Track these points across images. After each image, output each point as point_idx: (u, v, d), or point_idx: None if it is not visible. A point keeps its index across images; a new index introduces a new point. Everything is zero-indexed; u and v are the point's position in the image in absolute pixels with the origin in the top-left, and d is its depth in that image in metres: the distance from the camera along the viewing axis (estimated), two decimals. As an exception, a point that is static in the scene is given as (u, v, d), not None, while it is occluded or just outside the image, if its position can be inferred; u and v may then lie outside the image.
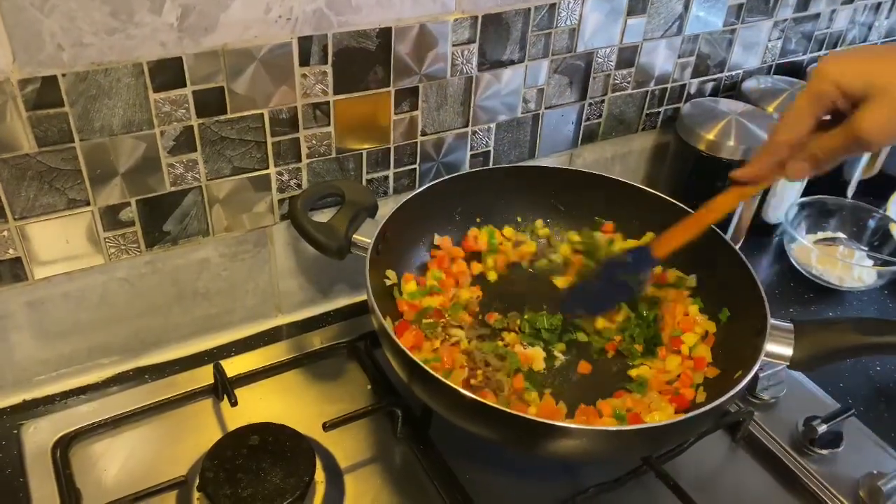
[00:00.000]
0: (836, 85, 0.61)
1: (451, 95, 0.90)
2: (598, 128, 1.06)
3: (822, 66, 0.62)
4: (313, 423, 0.75)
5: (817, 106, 0.63)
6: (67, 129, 0.69)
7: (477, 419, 0.68)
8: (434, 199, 0.88)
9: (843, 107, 0.61)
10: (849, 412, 0.83)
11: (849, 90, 0.60)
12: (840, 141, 0.62)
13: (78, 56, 0.66)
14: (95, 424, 0.78)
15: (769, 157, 0.68)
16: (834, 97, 0.61)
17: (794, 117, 0.64)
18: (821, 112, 0.63)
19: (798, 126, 0.64)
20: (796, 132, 0.65)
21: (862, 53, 0.64)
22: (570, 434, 0.65)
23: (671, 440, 0.75)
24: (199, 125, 0.76)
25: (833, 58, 0.62)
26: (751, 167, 0.70)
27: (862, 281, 1.06)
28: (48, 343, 0.81)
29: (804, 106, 0.63)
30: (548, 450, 0.68)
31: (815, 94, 0.62)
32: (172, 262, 0.83)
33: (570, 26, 0.93)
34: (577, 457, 0.74)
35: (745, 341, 0.75)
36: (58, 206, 0.73)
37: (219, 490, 0.69)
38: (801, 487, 0.78)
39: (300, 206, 0.81)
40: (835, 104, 0.62)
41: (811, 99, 0.63)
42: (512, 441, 0.70)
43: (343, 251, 0.81)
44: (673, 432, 0.71)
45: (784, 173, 0.67)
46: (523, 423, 0.65)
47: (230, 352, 0.90)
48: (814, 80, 0.63)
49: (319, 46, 0.77)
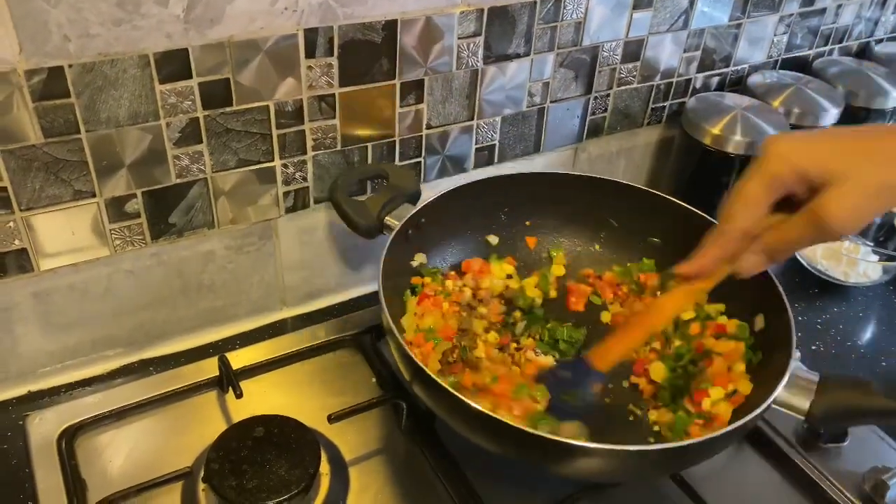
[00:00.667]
0: (794, 168, 0.55)
1: (457, 89, 0.90)
2: (603, 122, 1.06)
3: (774, 148, 0.57)
4: (318, 415, 0.76)
5: (772, 192, 0.57)
6: (74, 120, 0.69)
7: (479, 430, 0.66)
8: (480, 194, 0.87)
9: (799, 191, 0.56)
10: (854, 407, 0.83)
11: (811, 174, 0.55)
12: (801, 232, 0.56)
13: (84, 47, 0.66)
14: (101, 416, 0.78)
15: (718, 250, 0.62)
16: (789, 181, 0.56)
17: (745, 203, 0.58)
18: (775, 197, 0.57)
19: (751, 213, 0.58)
20: (749, 221, 0.59)
21: (816, 136, 0.59)
22: (586, 454, 0.62)
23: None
24: (205, 117, 0.76)
25: (785, 139, 0.57)
26: (698, 261, 0.63)
27: (867, 276, 1.06)
28: (53, 335, 0.81)
29: (757, 190, 0.58)
30: (562, 469, 0.67)
31: (769, 177, 0.57)
32: (178, 254, 0.83)
33: (576, 20, 0.93)
34: (588, 476, 0.71)
35: (766, 379, 0.69)
36: (64, 197, 0.73)
37: (224, 481, 0.69)
38: (805, 481, 0.78)
39: (339, 182, 0.84)
40: (789, 189, 0.57)
41: (765, 183, 0.57)
42: (518, 456, 0.67)
43: (372, 231, 0.82)
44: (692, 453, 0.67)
45: (736, 268, 0.61)
46: (535, 441, 0.61)
47: (235, 344, 0.90)
48: (766, 162, 0.57)
49: (325, 38, 0.77)
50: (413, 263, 0.85)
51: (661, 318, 0.69)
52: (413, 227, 0.83)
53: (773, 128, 1.01)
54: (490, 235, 0.91)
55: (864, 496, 0.76)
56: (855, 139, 0.57)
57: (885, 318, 1.04)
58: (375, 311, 0.93)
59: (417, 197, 0.86)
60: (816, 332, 1.00)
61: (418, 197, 0.86)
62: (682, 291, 0.66)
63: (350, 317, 0.94)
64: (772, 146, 0.57)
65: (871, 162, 0.54)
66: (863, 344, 0.99)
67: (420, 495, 0.75)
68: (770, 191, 0.57)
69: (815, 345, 0.97)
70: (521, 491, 0.75)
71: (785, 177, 0.56)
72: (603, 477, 0.72)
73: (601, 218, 0.91)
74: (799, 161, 0.55)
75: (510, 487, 0.75)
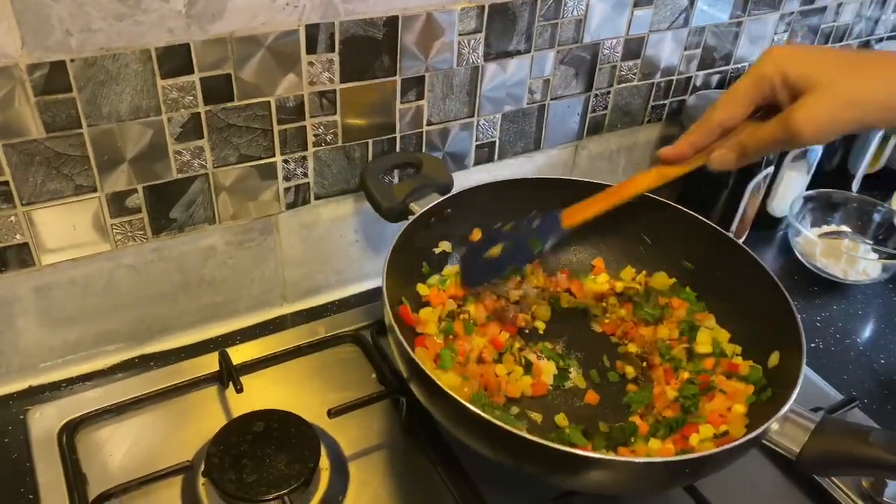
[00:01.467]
0: (781, 71, 0.59)
1: (457, 85, 0.90)
2: (603, 119, 1.06)
3: (769, 51, 0.61)
4: (318, 410, 0.76)
5: (757, 90, 0.61)
6: (75, 114, 0.69)
7: (478, 436, 0.65)
8: (512, 193, 0.87)
9: (782, 97, 0.60)
10: (852, 404, 0.84)
11: (791, 78, 0.58)
12: (772, 133, 0.60)
13: (86, 42, 0.66)
14: (101, 410, 0.78)
15: (699, 137, 0.65)
16: (775, 83, 0.59)
17: (732, 98, 0.62)
18: (760, 96, 0.61)
19: (735, 108, 0.62)
20: (732, 113, 0.63)
21: (812, 49, 0.62)
22: (591, 465, 0.61)
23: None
24: (207, 112, 0.76)
25: (783, 48, 0.61)
26: (678, 145, 0.67)
27: (867, 274, 1.06)
28: (54, 329, 0.81)
29: (745, 88, 0.62)
30: (564, 481, 0.66)
31: (757, 76, 0.61)
32: (178, 249, 0.83)
33: (577, 17, 0.93)
34: (593, 489, 0.68)
35: (766, 414, 0.66)
36: (65, 192, 0.73)
37: (224, 475, 0.69)
38: (804, 477, 0.78)
39: (371, 165, 0.88)
40: (774, 92, 0.60)
41: (753, 81, 0.61)
42: (515, 464, 0.65)
43: (394, 214, 0.84)
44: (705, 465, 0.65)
45: (710, 160, 0.65)
46: (535, 449, 0.60)
47: (235, 340, 0.90)
48: (759, 63, 0.61)
49: (326, 34, 0.77)
50: (436, 250, 0.86)
51: (632, 190, 0.72)
52: (437, 215, 0.84)
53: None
54: None
55: (863, 494, 0.76)
56: (840, 56, 0.60)
57: (884, 315, 1.04)
58: (375, 306, 0.94)
59: (448, 188, 0.87)
60: (816, 329, 1.00)
61: (449, 189, 0.87)
62: (657, 171, 0.70)
63: (350, 312, 0.94)
64: (768, 51, 0.61)
65: (846, 75, 0.57)
66: (862, 342, 0.99)
67: (420, 490, 0.75)
68: (756, 89, 0.61)
69: (814, 342, 0.98)
70: (520, 486, 0.75)
71: (771, 78, 0.59)
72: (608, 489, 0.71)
73: (634, 233, 0.90)
74: (785, 65, 0.59)
75: (510, 482, 0.75)
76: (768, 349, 0.75)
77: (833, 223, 1.17)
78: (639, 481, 0.64)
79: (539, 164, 1.05)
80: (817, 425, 0.63)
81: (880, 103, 0.56)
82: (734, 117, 0.63)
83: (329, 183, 0.88)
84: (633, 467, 0.61)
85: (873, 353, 0.97)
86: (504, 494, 0.73)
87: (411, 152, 0.92)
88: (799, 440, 0.63)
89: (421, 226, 0.83)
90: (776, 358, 0.74)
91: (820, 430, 0.63)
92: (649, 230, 0.90)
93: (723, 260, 0.83)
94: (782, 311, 0.74)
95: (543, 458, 0.61)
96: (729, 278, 0.83)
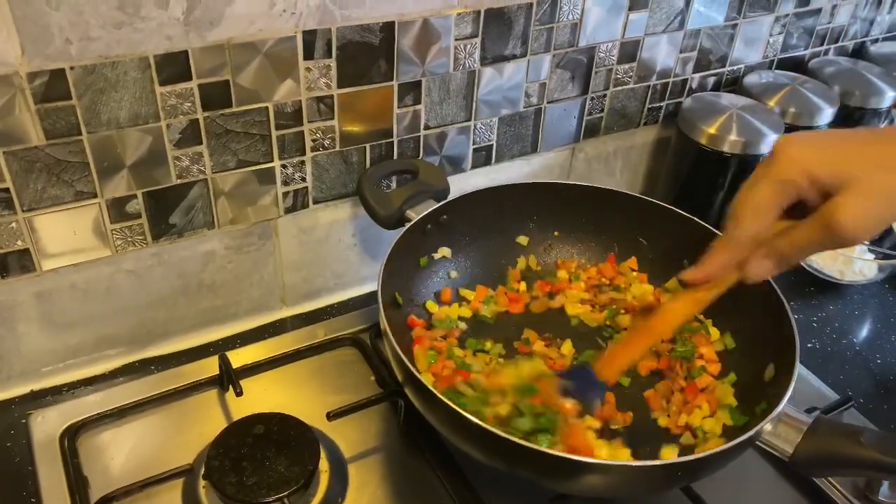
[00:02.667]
0: (806, 172, 0.54)
1: (454, 90, 0.90)
2: (600, 122, 1.07)
3: (786, 151, 0.55)
4: (318, 413, 0.76)
5: (783, 196, 0.56)
6: (75, 121, 0.70)
7: (472, 441, 0.65)
8: (510, 198, 0.89)
9: (810, 196, 0.55)
10: (848, 404, 0.84)
11: (822, 179, 0.54)
12: (812, 236, 0.55)
13: (85, 49, 0.67)
14: (103, 414, 0.79)
15: (727, 255, 0.60)
16: (802, 185, 0.55)
17: (756, 208, 0.57)
18: (787, 203, 0.56)
19: (761, 219, 0.57)
20: (759, 226, 0.57)
21: (826, 137, 0.58)
22: (587, 470, 0.61)
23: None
24: (205, 118, 0.76)
25: (796, 142, 0.56)
26: (705, 267, 0.62)
27: (863, 275, 1.07)
28: (55, 334, 0.82)
29: (769, 197, 0.56)
30: (560, 486, 0.66)
31: (781, 182, 0.55)
32: (178, 254, 0.84)
33: (572, 21, 0.94)
34: (591, 493, 0.69)
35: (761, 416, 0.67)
36: (65, 198, 0.74)
37: (224, 478, 0.69)
38: (799, 477, 0.78)
39: (368, 173, 0.88)
40: (801, 194, 0.55)
41: (777, 188, 0.56)
42: (511, 469, 0.66)
43: (392, 221, 0.85)
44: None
45: (744, 274, 0.60)
46: (531, 455, 0.60)
47: (235, 343, 0.91)
48: (777, 165, 0.56)
49: (323, 40, 0.78)
50: (435, 256, 0.87)
51: (668, 326, 0.67)
52: (433, 222, 0.85)
53: (769, 128, 1.01)
54: (520, 237, 0.92)
55: (859, 493, 0.76)
56: (865, 144, 0.56)
57: (880, 316, 1.04)
58: (374, 310, 0.94)
59: (445, 195, 0.88)
60: (812, 330, 1.00)
61: (446, 195, 0.88)
62: (689, 298, 0.65)
63: (349, 316, 0.95)
64: (783, 150, 0.56)
65: (881, 167, 0.53)
66: (858, 342, 0.99)
67: (418, 492, 0.75)
68: (781, 196, 0.56)
69: (810, 343, 0.98)
70: (519, 488, 0.75)
71: (797, 181, 0.55)
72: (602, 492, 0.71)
73: (632, 238, 0.91)
74: (810, 166, 0.54)
75: (508, 484, 0.75)
76: (764, 351, 0.76)
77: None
78: (632, 485, 0.65)
79: (536, 168, 1.05)
80: (810, 426, 0.63)
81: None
82: (763, 229, 0.57)
83: (327, 187, 0.89)
84: (625, 471, 0.62)
85: (869, 353, 0.98)
86: (502, 497, 0.74)
87: (408, 159, 0.92)
88: (792, 441, 0.63)
89: (418, 233, 0.84)
90: (772, 370, 0.74)
91: (813, 430, 0.63)
92: (645, 232, 0.90)
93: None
94: (775, 310, 0.75)
95: (537, 463, 0.62)
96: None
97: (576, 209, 0.92)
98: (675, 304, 0.66)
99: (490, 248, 0.91)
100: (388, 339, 0.70)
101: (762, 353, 0.77)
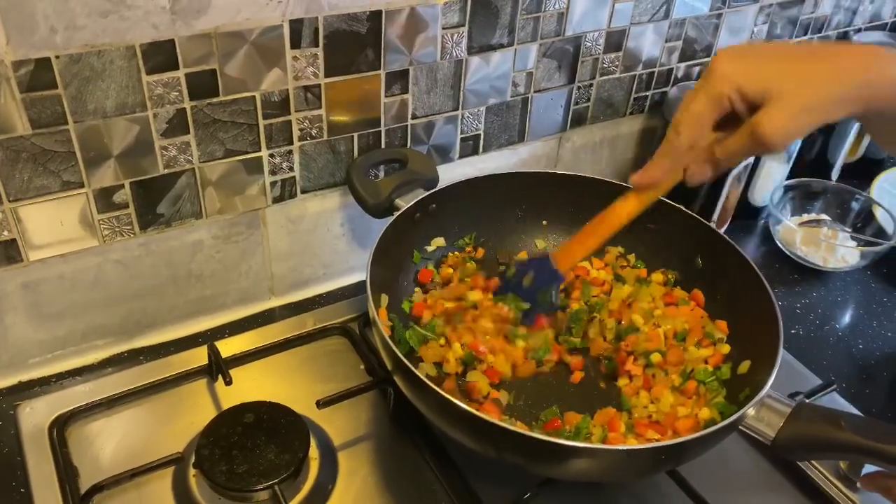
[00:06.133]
0: (735, 86, 0.60)
1: (441, 79, 0.91)
2: (586, 111, 1.08)
3: (718, 67, 0.61)
4: (307, 402, 0.77)
5: (716, 108, 0.61)
6: (61, 111, 0.70)
7: (460, 427, 0.66)
8: (498, 187, 0.89)
9: (741, 108, 0.61)
10: (830, 388, 0.86)
11: (749, 93, 0.60)
12: (740, 143, 0.61)
13: (71, 38, 0.67)
14: (92, 404, 0.79)
15: (668, 161, 0.66)
16: (733, 98, 0.60)
17: (692, 120, 0.63)
18: (719, 114, 0.62)
19: (698, 129, 0.63)
20: (696, 135, 0.63)
21: (758, 54, 0.63)
22: (573, 454, 0.62)
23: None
24: (192, 108, 0.76)
25: (728, 58, 0.61)
26: (649, 171, 0.68)
27: (845, 261, 1.08)
28: (43, 325, 0.82)
29: (703, 108, 0.62)
30: (548, 470, 0.67)
31: (714, 96, 0.61)
32: (166, 244, 0.84)
33: (559, 10, 0.94)
34: (577, 477, 0.71)
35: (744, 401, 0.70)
36: (52, 188, 0.74)
37: (214, 466, 0.70)
38: (782, 460, 0.80)
39: (357, 162, 0.89)
40: (732, 106, 0.61)
41: (710, 101, 0.61)
42: (498, 454, 0.67)
43: (381, 210, 0.86)
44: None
45: (686, 176, 0.66)
46: (517, 440, 0.62)
47: (224, 333, 0.91)
48: (711, 81, 0.61)
49: (310, 29, 0.78)
50: (429, 248, 0.88)
51: (616, 223, 0.73)
52: (422, 211, 0.85)
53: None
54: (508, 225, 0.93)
55: (841, 475, 0.78)
56: (791, 61, 0.61)
57: (862, 302, 1.06)
58: (363, 299, 0.94)
59: (434, 184, 0.89)
60: (796, 316, 1.02)
61: (435, 184, 0.89)
62: (635, 198, 0.71)
63: (338, 305, 0.95)
64: (716, 66, 0.61)
65: (802, 83, 0.59)
66: (840, 327, 1.01)
67: (408, 478, 0.76)
68: (714, 108, 0.62)
69: (794, 329, 1.00)
70: (507, 473, 0.76)
71: (728, 94, 0.60)
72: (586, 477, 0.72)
73: None
74: (740, 81, 0.60)
75: (497, 469, 0.76)
76: (747, 337, 0.77)
77: (813, 212, 1.18)
78: (618, 468, 0.66)
79: (523, 157, 1.06)
80: (792, 411, 0.65)
81: (835, 101, 0.59)
82: (698, 137, 0.64)
83: (315, 177, 0.89)
84: (611, 455, 0.62)
85: (852, 339, 0.99)
86: (491, 482, 0.75)
87: (397, 148, 0.93)
88: (775, 425, 0.64)
89: (407, 221, 0.84)
90: (746, 367, 0.76)
91: (795, 415, 0.65)
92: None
93: (703, 249, 0.85)
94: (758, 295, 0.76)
95: (524, 448, 0.63)
96: (710, 265, 0.85)
97: (563, 198, 0.92)
98: (624, 201, 0.72)
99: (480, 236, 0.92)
100: (376, 327, 0.70)
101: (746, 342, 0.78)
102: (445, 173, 0.95)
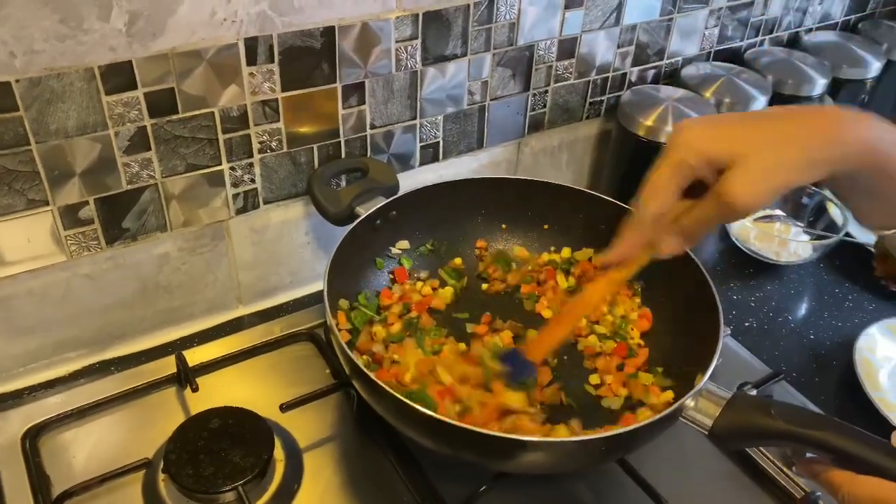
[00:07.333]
0: (699, 153, 0.59)
1: (398, 90, 0.94)
2: (543, 117, 1.11)
3: (680, 136, 0.60)
4: (274, 406, 0.79)
5: (680, 176, 0.60)
6: (23, 132, 0.72)
7: (417, 427, 0.69)
8: (458, 193, 0.92)
9: (706, 174, 0.59)
10: (778, 377, 0.89)
11: (715, 158, 0.58)
12: (711, 210, 0.60)
13: (30, 62, 0.69)
14: (63, 415, 0.81)
15: (636, 236, 0.65)
16: (697, 165, 0.59)
17: (657, 190, 0.61)
18: (684, 182, 0.60)
19: (662, 199, 0.61)
20: (661, 206, 0.62)
21: (721, 120, 0.63)
22: (527, 448, 0.65)
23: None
24: (153, 125, 0.79)
25: (689, 128, 0.61)
26: (617, 249, 0.66)
27: (798, 255, 1.12)
28: (14, 339, 0.84)
29: (667, 177, 0.60)
30: (505, 465, 0.70)
31: (677, 163, 0.60)
32: (133, 257, 0.86)
33: (510, 21, 0.97)
34: (533, 470, 0.74)
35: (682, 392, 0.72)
36: (17, 206, 0.76)
37: (181, 470, 0.72)
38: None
39: (318, 172, 0.91)
40: (696, 173, 0.60)
41: (672, 170, 0.60)
42: (454, 452, 0.70)
43: (341, 218, 0.88)
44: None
45: (656, 251, 0.65)
46: (473, 438, 0.64)
47: (193, 342, 0.93)
48: (674, 150, 0.60)
49: (265, 46, 0.81)
50: (394, 250, 0.92)
51: (587, 307, 0.73)
52: (383, 218, 0.88)
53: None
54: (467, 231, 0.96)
55: (786, 458, 0.81)
56: (753, 124, 0.61)
57: (814, 294, 1.10)
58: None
59: (395, 191, 0.91)
60: (750, 309, 1.05)
61: (395, 191, 0.92)
62: (606, 280, 0.70)
63: (304, 312, 0.98)
64: (678, 134, 0.60)
65: (767, 145, 0.58)
66: (793, 319, 1.04)
67: (371, 476, 0.79)
68: (678, 177, 0.60)
69: (748, 322, 1.03)
70: (465, 470, 0.78)
71: (691, 162, 0.59)
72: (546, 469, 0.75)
73: (577, 229, 0.94)
74: (703, 147, 0.59)
75: (460, 469, 0.78)
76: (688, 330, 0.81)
77: (767, 208, 1.22)
78: (566, 460, 0.69)
79: (484, 162, 1.09)
80: (728, 401, 0.67)
81: (802, 161, 0.58)
82: (664, 207, 0.62)
83: (277, 188, 0.92)
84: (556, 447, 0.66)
85: (804, 330, 1.03)
86: (450, 478, 0.77)
87: (357, 157, 0.95)
88: (711, 415, 0.66)
89: (367, 228, 0.87)
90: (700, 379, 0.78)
91: (731, 405, 0.66)
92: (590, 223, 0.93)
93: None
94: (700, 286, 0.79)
95: (476, 444, 0.65)
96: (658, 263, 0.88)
97: (521, 202, 0.96)
98: (594, 285, 0.71)
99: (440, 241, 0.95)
100: (333, 334, 0.73)
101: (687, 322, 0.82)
102: (407, 180, 0.98)
